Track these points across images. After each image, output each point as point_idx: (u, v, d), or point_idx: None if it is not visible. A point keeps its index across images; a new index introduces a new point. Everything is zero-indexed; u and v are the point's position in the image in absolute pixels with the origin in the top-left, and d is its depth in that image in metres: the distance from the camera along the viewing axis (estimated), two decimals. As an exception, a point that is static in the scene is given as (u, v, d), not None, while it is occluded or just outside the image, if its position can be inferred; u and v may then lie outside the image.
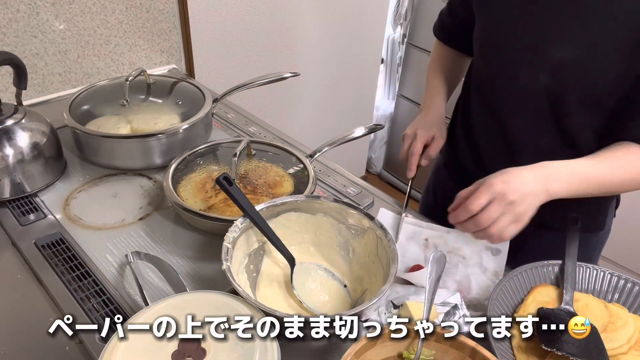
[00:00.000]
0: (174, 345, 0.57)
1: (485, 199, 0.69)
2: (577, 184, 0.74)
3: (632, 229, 1.88)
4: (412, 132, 0.95)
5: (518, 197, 0.68)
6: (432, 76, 1.05)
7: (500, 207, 0.68)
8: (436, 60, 1.07)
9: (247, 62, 1.72)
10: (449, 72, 1.05)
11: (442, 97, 1.02)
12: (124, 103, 1.07)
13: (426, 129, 0.95)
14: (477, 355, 0.59)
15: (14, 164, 0.89)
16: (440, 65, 1.06)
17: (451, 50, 1.06)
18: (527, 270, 0.77)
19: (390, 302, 0.74)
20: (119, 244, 0.84)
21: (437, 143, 0.95)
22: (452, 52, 1.06)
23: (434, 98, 1.01)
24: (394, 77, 2.67)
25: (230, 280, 0.64)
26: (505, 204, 0.68)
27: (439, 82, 1.03)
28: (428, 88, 1.05)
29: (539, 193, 0.70)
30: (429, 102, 1.01)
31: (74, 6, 1.22)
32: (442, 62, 1.06)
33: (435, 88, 1.03)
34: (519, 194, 0.68)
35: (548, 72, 0.80)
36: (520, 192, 0.68)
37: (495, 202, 0.68)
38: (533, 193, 0.70)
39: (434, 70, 1.06)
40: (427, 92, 1.04)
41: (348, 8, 1.94)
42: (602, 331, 0.69)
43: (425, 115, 0.99)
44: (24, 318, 0.72)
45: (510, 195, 0.68)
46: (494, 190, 0.69)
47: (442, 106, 1.01)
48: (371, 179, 2.82)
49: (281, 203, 0.77)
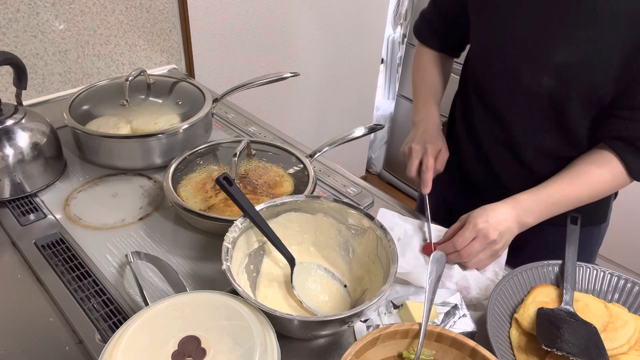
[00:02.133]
0: (174, 345, 0.57)
1: (470, 236, 0.77)
2: (547, 211, 0.81)
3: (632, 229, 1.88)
4: (420, 146, 0.93)
5: (497, 235, 0.77)
6: (420, 84, 1.04)
7: (481, 245, 0.77)
8: (422, 66, 1.05)
9: (247, 62, 1.72)
10: (436, 77, 1.03)
11: (435, 108, 1.00)
12: (124, 103, 1.07)
13: (434, 143, 0.94)
14: (477, 355, 0.59)
15: (14, 164, 0.89)
16: (427, 71, 1.04)
17: (436, 53, 1.04)
18: (527, 270, 0.77)
19: (390, 302, 0.74)
20: (119, 244, 0.84)
21: (443, 156, 0.94)
22: (437, 55, 1.04)
23: (429, 109, 1.00)
24: (394, 77, 2.67)
25: (230, 280, 0.64)
26: (486, 242, 0.77)
27: (428, 90, 1.02)
28: (418, 98, 1.03)
29: (513, 228, 0.79)
30: (425, 114, 0.99)
31: (74, 6, 1.22)
32: (428, 68, 1.04)
33: (426, 97, 1.01)
34: (498, 232, 0.77)
35: (551, 73, 0.80)
36: (499, 230, 0.77)
37: (477, 240, 0.77)
38: (509, 229, 0.78)
39: (421, 77, 1.04)
40: (419, 102, 1.02)
41: (348, 8, 1.94)
42: (602, 331, 0.69)
43: (425, 127, 0.97)
44: (24, 318, 0.72)
45: (491, 234, 0.76)
46: (477, 229, 0.77)
47: (438, 117, 1.00)
48: (371, 179, 2.82)
49: (281, 203, 0.77)
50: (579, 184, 0.81)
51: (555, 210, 0.81)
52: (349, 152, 2.38)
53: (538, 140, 0.88)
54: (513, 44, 0.83)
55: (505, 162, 0.94)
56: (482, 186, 1.01)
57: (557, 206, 0.81)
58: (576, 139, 0.85)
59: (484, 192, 0.78)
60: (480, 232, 0.77)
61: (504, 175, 0.95)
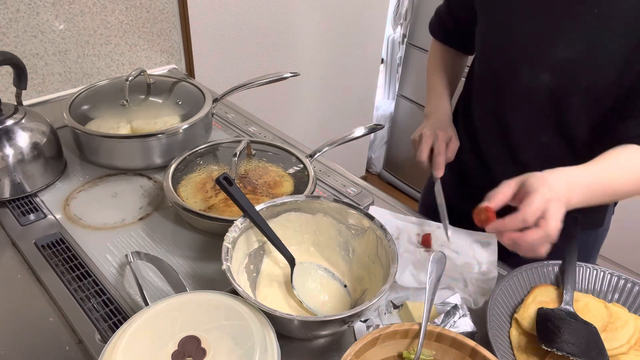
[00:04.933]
0: (174, 345, 0.57)
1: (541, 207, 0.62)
2: (593, 194, 0.70)
3: (632, 229, 1.88)
4: (431, 132, 0.92)
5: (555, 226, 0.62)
6: (434, 77, 1.04)
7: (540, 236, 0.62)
8: (436, 61, 1.06)
9: (247, 62, 1.72)
10: (449, 71, 1.04)
11: (447, 99, 1.00)
12: (124, 103, 1.07)
13: (445, 130, 0.93)
14: (477, 355, 0.59)
15: (14, 164, 0.89)
16: (441, 65, 1.05)
17: (450, 49, 1.05)
18: (527, 270, 0.77)
19: (390, 302, 0.74)
20: (119, 244, 0.84)
21: (454, 145, 0.93)
22: (451, 51, 1.05)
23: (440, 100, 1.00)
24: (394, 77, 2.67)
25: (230, 280, 0.64)
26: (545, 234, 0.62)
27: (441, 84, 1.02)
28: (431, 90, 1.03)
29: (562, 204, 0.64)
30: (436, 105, 0.99)
31: (74, 6, 1.22)
32: (442, 62, 1.05)
33: (439, 90, 1.02)
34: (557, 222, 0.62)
35: (550, 70, 0.80)
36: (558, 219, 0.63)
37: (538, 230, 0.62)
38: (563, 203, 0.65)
39: (435, 71, 1.05)
40: (431, 94, 1.03)
41: (348, 8, 1.94)
42: (602, 331, 0.69)
43: (436, 117, 0.97)
44: (24, 318, 0.72)
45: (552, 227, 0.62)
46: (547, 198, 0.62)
47: (449, 109, 1.00)
48: (371, 179, 2.82)
49: (281, 203, 0.77)
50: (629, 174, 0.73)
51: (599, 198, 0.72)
52: (349, 152, 2.38)
53: (535, 138, 0.87)
54: (514, 39, 0.83)
55: (501, 160, 0.94)
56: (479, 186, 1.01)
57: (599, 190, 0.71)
58: (574, 140, 0.84)
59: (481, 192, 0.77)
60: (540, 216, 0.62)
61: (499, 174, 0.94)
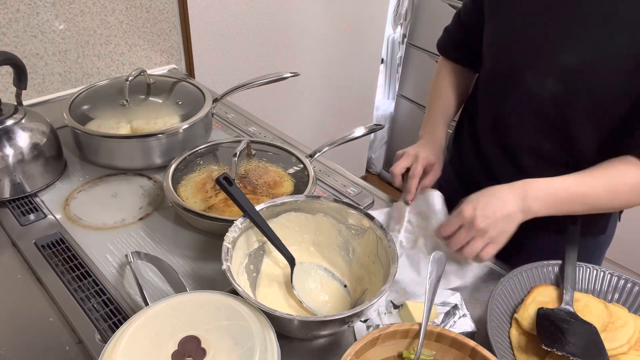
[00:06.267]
0: (174, 345, 0.57)
1: (454, 226, 0.76)
2: (558, 202, 0.75)
3: (633, 229, 1.88)
4: (414, 152, 0.90)
5: (486, 224, 0.73)
6: (436, 102, 1.00)
7: (468, 234, 0.74)
8: (441, 82, 1.02)
9: (247, 62, 1.72)
10: (453, 95, 1.00)
11: (442, 127, 0.98)
12: (124, 103, 1.07)
13: (428, 156, 0.91)
14: (477, 355, 0.59)
15: (14, 164, 0.89)
16: (446, 88, 1.01)
17: (458, 68, 1.02)
18: (527, 270, 0.77)
19: (390, 302, 0.74)
20: (119, 244, 0.84)
21: (434, 173, 0.91)
22: (459, 71, 1.02)
23: (435, 127, 0.97)
24: (394, 77, 2.67)
25: (230, 280, 0.64)
26: (474, 231, 0.73)
27: (441, 109, 0.99)
28: (430, 112, 1.00)
29: (514, 215, 0.74)
30: (431, 131, 0.97)
31: (74, 6, 1.22)
32: (447, 84, 1.01)
33: (438, 114, 0.99)
34: (488, 221, 0.73)
35: (555, 77, 0.79)
36: (490, 219, 0.73)
37: (463, 229, 0.75)
38: (507, 216, 0.73)
39: (439, 94, 1.01)
40: (429, 118, 1.00)
41: (348, 8, 1.94)
42: (602, 331, 0.69)
43: (427, 141, 0.95)
44: (24, 318, 0.72)
45: (478, 222, 0.73)
46: (462, 218, 0.75)
47: (444, 137, 0.97)
48: (371, 179, 2.82)
49: (281, 203, 0.77)
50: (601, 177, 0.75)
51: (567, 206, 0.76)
52: (349, 152, 2.38)
53: (537, 145, 0.87)
54: (520, 42, 0.83)
55: (502, 166, 0.93)
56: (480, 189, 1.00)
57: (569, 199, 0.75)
58: (577, 148, 0.83)
59: None
60: (466, 220, 0.74)
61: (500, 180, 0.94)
